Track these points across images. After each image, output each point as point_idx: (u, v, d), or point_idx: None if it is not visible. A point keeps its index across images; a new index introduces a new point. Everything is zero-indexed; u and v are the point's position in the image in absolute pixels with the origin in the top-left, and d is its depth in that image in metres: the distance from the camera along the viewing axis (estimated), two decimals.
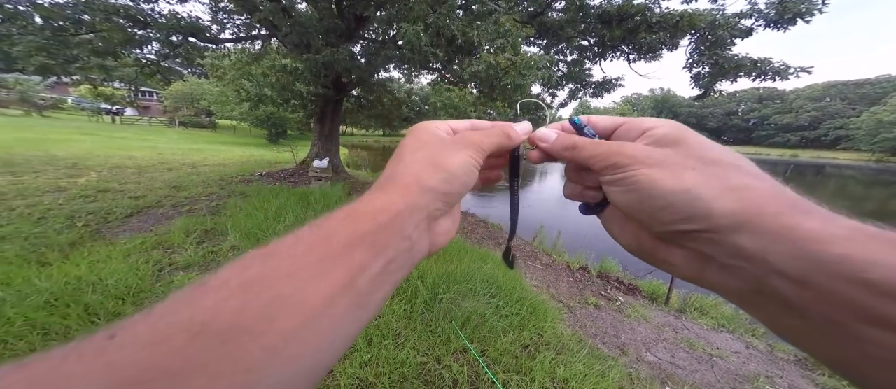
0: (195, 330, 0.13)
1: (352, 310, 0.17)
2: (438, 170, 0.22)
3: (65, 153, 6.74)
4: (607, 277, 3.50)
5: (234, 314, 0.14)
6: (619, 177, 0.21)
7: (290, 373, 0.14)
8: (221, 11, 6.46)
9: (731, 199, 0.17)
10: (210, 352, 0.13)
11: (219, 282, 0.15)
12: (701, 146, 0.20)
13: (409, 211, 0.20)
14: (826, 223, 0.15)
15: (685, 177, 0.19)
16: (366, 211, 0.19)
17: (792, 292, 0.15)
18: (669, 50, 6.12)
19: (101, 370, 0.12)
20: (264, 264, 0.16)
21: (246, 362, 0.13)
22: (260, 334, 0.14)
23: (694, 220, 0.18)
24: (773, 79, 5.46)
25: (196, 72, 8.89)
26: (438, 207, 0.22)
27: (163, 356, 0.12)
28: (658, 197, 0.19)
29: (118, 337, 0.13)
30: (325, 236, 0.18)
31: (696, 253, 0.19)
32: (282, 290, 0.15)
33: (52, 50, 4.62)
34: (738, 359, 2.23)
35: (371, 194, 0.21)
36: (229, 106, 17.22)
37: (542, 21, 6.02)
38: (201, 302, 0.14)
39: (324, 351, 0.16)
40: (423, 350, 1.62)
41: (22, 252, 2.18)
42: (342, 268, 0.17)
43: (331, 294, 0.16)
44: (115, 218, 3.18)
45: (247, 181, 5.60)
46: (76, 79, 6.36)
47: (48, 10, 4.49)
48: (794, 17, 4.91)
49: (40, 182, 4.22)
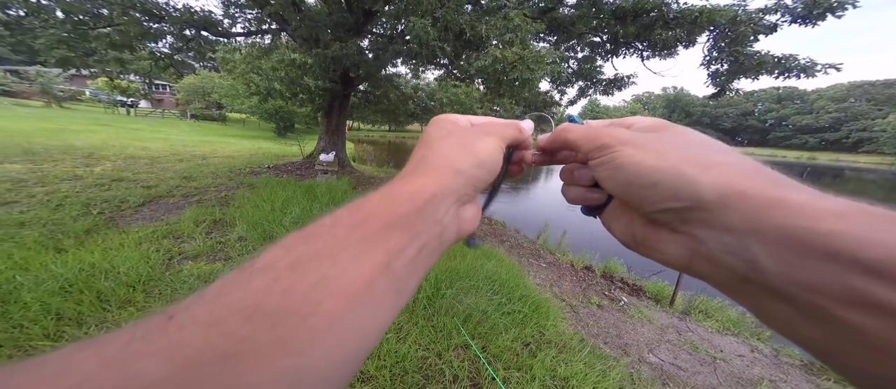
0: (248, 313, 0.14)
1: (390, 295, 0.17)
2: (469, 155, 0.22)
3: (82, 143, 6.95)
4: (611, 277, 3.46)
5: (283, 295, 0.14)
6: (606, 157, 0.21)
7: (334, 359, 0.15)
8: (233, 6, 6.53)
9: (714, 174, 0.17)
10: (262, 335, 0.13)
11: (265, 264, 0.15)
12: (683, 131, 0.21)
13: (443, 194, 0.20)
14: (814, 197, 0.15)
15: (669, 154, 0.19)
16: (401, 194, 0.19)
17: (779, 277, 0.15)
18: (686, 47, 5.93)
19: (164, 348, 0.12)
20: (307, 245, 0.16)
21: (294, 345, 0.14)
22: (307, 316, 0.14)
23: (681, 197, 0.18)
24: (798, 77, 5.23)
25: (208, 65, 9.04)
26: (468, 192, 0.22)
27: (219, 337, 0.13)
28: (644, 175, 0.19)
29: (176, 318, 0.13)
30: (364, 218, 0.18)
31: (687, 237, 0.19)
32: (326, 271, 0.15)
33: (72, 43, 4.76)
34: (742, 363, 2.19)
35: (404, 178, 0.21)
36: (239, 99, 17.46)
37: (554, 16, 5.90)
38: (251, 285, 0.15)
39: (364, 337, 0.16)
40: (425, 345, 1.63)
41: (40, 238, 2.26)
42: (380, 250, 0.17)
43: (370, 276, 0.16)
44: (129, 206, 3.27)
45: (255, 173, 5.70)
46: (94, 72, 6.54)
47: (69, 5, 4.61)
48: (824, 12, 4.66)
49: (59, 170, 4.37)
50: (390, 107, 10.05)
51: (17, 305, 1.53)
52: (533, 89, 5.32)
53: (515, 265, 3.09)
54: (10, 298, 1.57)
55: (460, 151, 0.22)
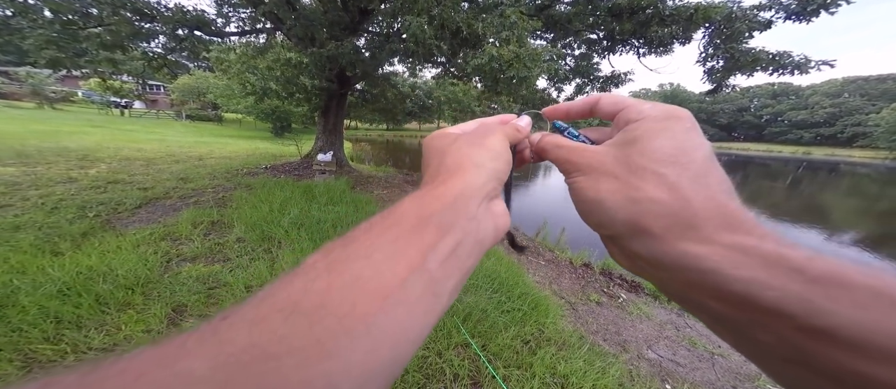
0: (288, 311, 0.14)
1: (426, 297, 0.17)
2: (484, 149, 0.23)
3: (76, 145, 6.87)
4: (610, 274, 3.49)
5: (321, 294, 0.15)
6: (567, 181, 0.24)
7: (370, 366, 0.14)
8: (226, 5, 6.45)
9: (628, 211, 0.19)
10: (300, 335, 0.13)
11: (307, 266, 0.16)
12: (643, 150, 0.20)
13: (471, 189, 0.20)
14: (705, 239, 0.17)
15: (601, 187, 0.21)
16: (430, 196, 0.20)
17: (685, 295, 0.18)
18: (682, 44, 5.95)
19: (212, 347, 0.13)
20: (345, 248, 0.17)
21: (329, 345, 0.13)
22: (343, 316, 0.14)
23: (603, 226, 0.21)
24: (792, 74, 5.27)
25: (202, 65, 8.94)
26: (494, 185, 0.22)
27: (261, 335, 0.13)
28: (580, 202, 0.22)
29: (229, 318, 0.14)
30: (396, 220, 0.18)
31: (626, 252, 0.21)
32: (361, 272, 0.15)
33: (61, 43, 4.68)
34: (740, 358, 2.21)
35: (428, 186, 0.21)
36: (235, 99, 17.31)
37: (550, 14, 5.89)
38: (293, 284, 0.15)
39: (400, 344, 0.15)
40: (425, 344, 1.64)
41: (36, 241, 2.24)
42: (414, 249, 0.17)
43: (405, 276, 0.16)
44: (125, 209, 3.25)
45: (252, 174, 5.66)
46: (86, 73, 6.45)
47: (57, 4, 4.53)
48: (817, 9, 4.69)
49: (53, 172, 4.33)
50: (388, 105, 10.01)
51: (15, 309, 1.52)
52: (530, 87, 5.31)
53: (514, 263, 3.10)
54: (8, 302, 1.56)
55: (474, 149, 0.23)
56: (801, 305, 0.14)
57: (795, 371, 0.15)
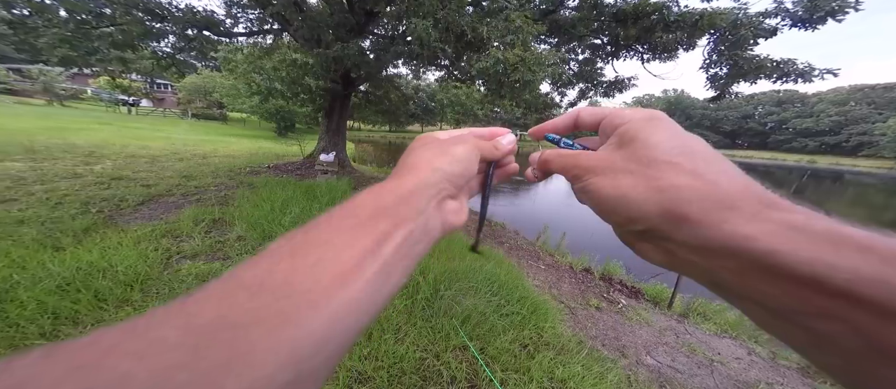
0: (254, 289, 0.16)
1: (379, 278, 0.19)
2: (445, 155, 0.25)
3: (83, 141, 6.97)
4: (610, 280, 3.46)
5: (285, 273, 0.16)
6: (578, 186, 0.24)
7: (330, 331, 0.16)
8: (235, 5, 6.55)
9: (657, 201, 0.19)
10: (266, 308, 0.15)
11: (271, 251, 0.18)
12: (646, 145, 0.21)
13: (422, 187, 0.23)
14: (751, 218, 0.16)
15: (621, 183, 0.20)
16: (386, 188, 0.22)
17: (735, 285, 0.17)
18: (686, 50, 5.95)
19: (182, 318, 0.14)
20: (306, 235, 0.19)
21: (295, 317, 0.15)
22: (306, 291, 0.16)
23: (637, 222, 0.20)
24: (796, 82, 5.25)
25: (209, 65, 9.06)
26: (446, 187, 0.24)
27: (229, 309, 0.15)
28: (603, 202, 0.22)
29: (195, 296, 0.15)
30: (354, 210, 0.21)
31: (661, 247, 0.20)
32: (322, 255, 0.18)
33: (74, 42, 4.77)
34: (740, 365, 2.18)
35: (388, 179, 0.24)
36: (240, 99, 17.51)
37: (555, 18, 5.91)
38: (259, 266, 0.17)
39: (356, 313, 0.18)
40: (423, 346, 1.63)
41: (38, 236, 2.26)
42: (369, 237, 0.19)
43: (361, 258, 0.18)
44: (128, 205, 3.27)
45: (255, 173, 5.70)
46: (96, 71, 6.56)
47: (73, 4, 4.62)
48: (824, 16, 4.67)
49: (58, 168, 4.38)
50: (391, 107, 10.06)
51: (14, 303, 1.53)
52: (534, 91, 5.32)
53: (514, 266, 3.09)
54: (7, 297, 1.57)
55: (437, 153, 0.25)
56: (881, 289, 0.12)
57: (867, 365, 0.13)
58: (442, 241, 3.01)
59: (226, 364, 0.13)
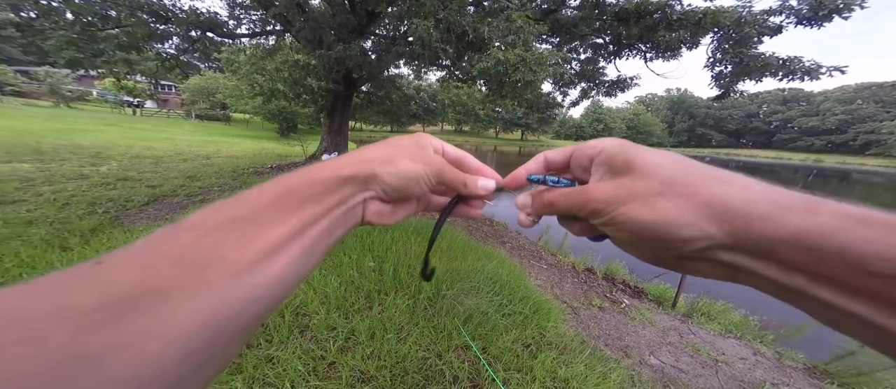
0: (176, 259, 0.16)
1: (301, 257, 0.20)
2: (391, 165, 0.25)
3: (89, 142, 7.05)
4: (613, 279, 3.44)
5: (210, 246, 0.17)
6: (605, 220, 0.22)
7: (249, 297, 0.18)
8: (238, 7, 6.60)
9: (710, 213, 0.18)
10: (189, 276, 0.16)
11: (193, 223, 0.18)
12: (649, 166, 0.21)
13: (353, 183, 0.24)
14: (809, 215, 0.16)
15: (658, 206, 0.19)
16: (320, 175, 0.23)
17: (810, 288, 0.16)
18: (689, 48, 5.92)
19: (96, 284, 0.14)
20: (234, 210, 0.20)
21: (217, 283, 0.16)
22: (230, 262, 0.17)
23: (695, 242, 0.18)
24: (802, 80, 5.19)
25: (212, 66, 9.14)
26: (376, 191, 0.25)
27: (149, 277, 0.15)
28: (645, 231, 0.20)
29: (105, 263, 0.15)
30: (286, 191, 0.21)
31: (719, 262, 0.19)
32: (247, 231, 0.19)
33: (80, 44, 4.84)
34: (744, 366, 2.17)
35: (332, 161, 0.25)
36: (243, 100, 17.61)
37: (556, 18, 5.90)
38: (179, 238, 0.17)
39: (276, 283, 0.19)
40: (425, 346, 1.64)
41: (47, 236, 2.30)
42: (296, 220, 0.21)
43: (286, 238, 0.20)
44: (133, 206, 3.31)
45: (258, 173, 5.74)
46: (101, 73, 6.64)
47: (78, 6, 4.69)
48: (830, 14, 4.62)
49: (66, 169, 4.44)
50: (392, 107, 10.09)
51: None
52: (535, 91, 5.31)
53: (516, 266, 3.09)
54: None
55: (384, 160, 0.25)
56: None
57: None
58: (443, 242, 3.01)
59: (147, 326, 0.14)
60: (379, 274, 2.12)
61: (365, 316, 1.73)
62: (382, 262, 2.24)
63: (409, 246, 2.61)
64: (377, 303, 1.85)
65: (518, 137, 61.92)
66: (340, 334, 1.57)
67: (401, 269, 2.18)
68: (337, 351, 1.49)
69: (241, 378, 1.25)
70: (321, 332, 1.58)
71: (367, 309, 1.81)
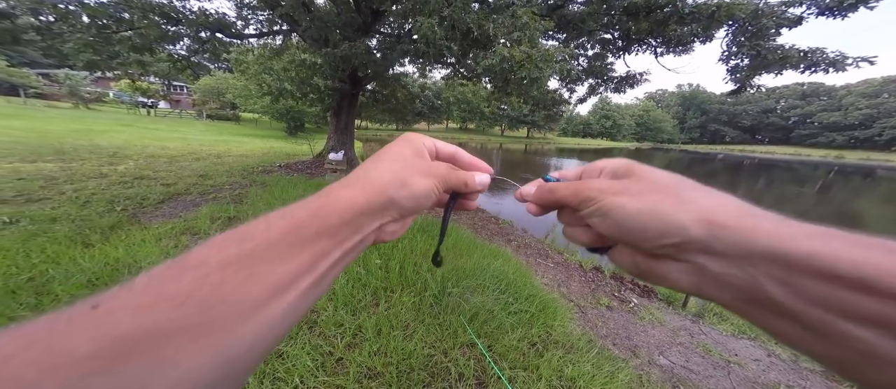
0: (180, 301, 0.16)
1: (312, 288, 0.20)
2: (405, 188, 0.24)
3: (107, 143, 7.29)
4: (621, 279, 3.40)
5: (215, 286, 0.17)
6: (594, 208, 0.24)
7: (260, 333, 0.18)
8: (246, 7, 6.70)
9: (693, 209, 0.19)
10: (194, 318, 0.15)
11: (196, 261, 0.18)
12: (650, 174, 0.23)
13: (370, 213, 0.23)
14: (780, 224, 0.17)
15: (646, 198, 0.21)
16: (335, 207, 0.22)
17: (779, 295, 0.16)
18: (703, 42, 5.74)
19: (92, 329, 0.14)
20: (240, 247, 0.19)
21: (223, 325, 0.16)
22: (236, 303, 0.17)
23: (671, 235, 0.20)
24: (827, 72, 4.96)
25: (222, 67, 9.31)
26: (394, 216, 0.25)
27: (149, 318, 0.15)
28: (629, 219, 0.21)
29: (102, 306, 0.15)
30: (296, 226, 0.20)
31: (689, 265, 0.20)
32: (256, 269, 0.18)
33: (97, 46, 5.00)
34: (758, 367, 2.11)
35: (342, 188, 0.24)
36: (252, 99, 17.91)
37: (563, 14, 5.80)
38: (183, 278, 0.17)
39: (287, 317, 0.19)
40: (431, 343, 1.65)
41: (70, 233, 2.40)
42: (308, 254, 0.20)
43: (297, 273, 0.19)
44: (149, 203, 3.42)
45: (267, 171, 5.84)
46: (117, 75, 6.85)
47: (94, 9, 4.84)
48: (856, 3, 4.41)
49: (86, 168, 4.61)
50: (398, 105, 10.11)
51: (49, 297, 1.63)
52: (541, 88, 5.25)
53: (522, 264, 3.07)
54: (44, 290, 1.68)
55: (397, 182, 0.24)
56: None
57: None
58: (449, 240, 3.02)
59: (150, 370, 0.13)
60: (385, 271, 2.14)
61: (372, 313, 1.75)
62: (389, 260, 2.26)
63: (415, 244, 2.62)
64: (383, 300, 1.88)
65: (524, 135, 61.32)
66: (348, 330, 1.60)
67: (407, 266, 2.20)
68: (344, 347, 1.51)
69: (252, 374, 1.29)
70: (329, 328, 1.60)
71: (374, 306, 1.83)
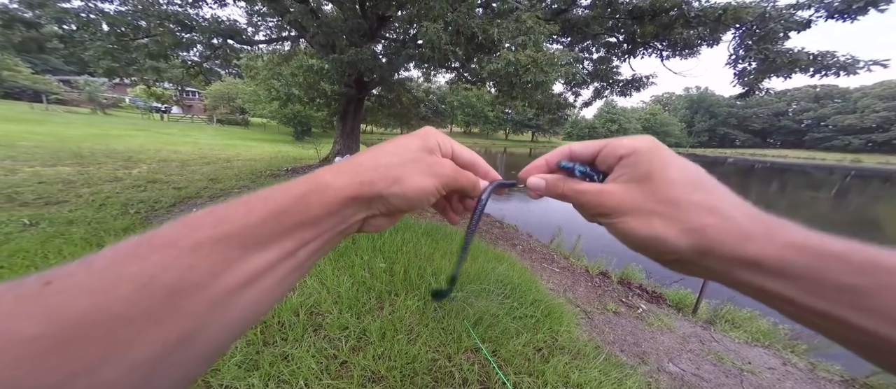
0: (143, 283, 0.14)
1: (287, 276, 0.20)
2: (397, 186, 0.23)
3: (122, 147, 7.52)
4: (629, 284, 3.34)
5: (184, 271, 0.15)
6: (607, 223, 0.25)
7: (226, 323, 0.17)
8: (256, 14, 6.89)
9: (688, 240, 0.21)
10: (156, 302, 0.14)
11: (166, 241, 0.16)
12: (665, 181, 0.23)
13: (356, 206, 0.22)
14: (766, 243, 0.19)
15: (654, 224, 0.23)
16: (320, 197, 0.21)
17: (782, 291, 0.19)
18: (709, 45, 5.68)
19: (41, 310, 0.13)
20: (215, 229, 0.17)
21: (189, 310, 0.15)
22: (205, 288, 0.16)
23: (669, 254, 0.23)
24: (838, 75, 4.86)
25: (232, 72, 9.56)
26: (381, 210, 0.24)
27: (106, 300, 0.13)
28: (637, 241, 0.24)
29: (55, 284, 0.14)
30: (278, 212, 0.19)
31: (684, 267, 0.23)
32: (229, 254, 0.17)
33: (116, 53, 5.20)
34: (773, 376, 2.04)
35: (331, 175, 0.22)
36: (261, 104, 18.31)
37: (567, 18, 5.81)
38: (148, 258, 0.15)
39: (261, 303, 0.18)
40: (435, 347, 1.64)
41: (86, 235, 2.47)
42: (287, 242, 0.19)
43: (273, 261, 0.19)
44: (162, 206, 3.51)
45: (274, 175, 5.94)
46: (133, 81, 7.09)
47: (113, 17, 5.05)
48: (865, 6, 4.32)
49: (102, 172, 4.76)
50: (403, 110, 10.21)
51: None
52: (546, 91, 5.25)
53: (528, 269, 3.05)
54: None
55: (391, 179, 0.23)
56: (809, 272, 0.18)
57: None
58: (452, 244, 3.01)
59: (103, 352, 0.13)
60: (390, 275, 2.15)
61: (376, 317, 1.75)
62: (393, 263, 2.27)
63: (420, 248, 2.63)
64: (388, 304, 1.88)
65: (528, 139, 61.26)
66: (352, 333, 1.61)
67: (411, 270, 2.21)
68: (349, 351, 1.52)
69: (258, 375, 1.30)
70: (334, 331, 1.61)
71: (378, 310, 1.83)
